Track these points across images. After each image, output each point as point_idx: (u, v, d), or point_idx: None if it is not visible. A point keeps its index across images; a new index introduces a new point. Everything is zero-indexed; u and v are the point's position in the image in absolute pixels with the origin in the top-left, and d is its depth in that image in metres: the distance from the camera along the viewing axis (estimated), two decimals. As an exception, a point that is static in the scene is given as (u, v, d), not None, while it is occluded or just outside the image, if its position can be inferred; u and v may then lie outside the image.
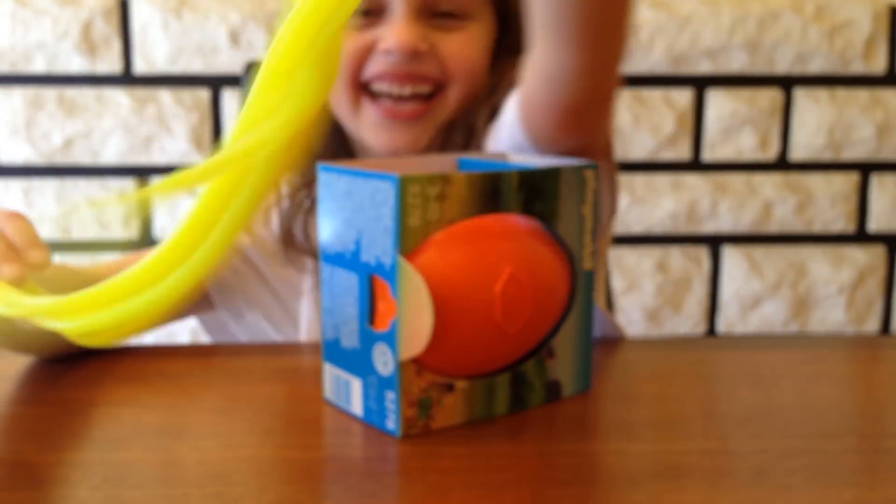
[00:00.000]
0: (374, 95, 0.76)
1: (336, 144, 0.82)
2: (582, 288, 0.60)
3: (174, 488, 0.47)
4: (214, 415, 0.57)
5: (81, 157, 1.32)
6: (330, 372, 0.58)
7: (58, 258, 1.34)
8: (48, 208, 1.33)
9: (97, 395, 0.61)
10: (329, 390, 0.58)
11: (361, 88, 0.76)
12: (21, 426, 0.55)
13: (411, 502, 0.45)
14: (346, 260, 0.54)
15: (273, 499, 0.46)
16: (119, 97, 1.34)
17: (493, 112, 0.77)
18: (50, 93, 1.31)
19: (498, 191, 0.54)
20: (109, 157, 1.36)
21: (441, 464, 0.50)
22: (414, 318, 0.52)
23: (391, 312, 0.52)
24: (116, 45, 1.33)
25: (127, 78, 1.35)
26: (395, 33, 0.73)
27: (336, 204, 0.55)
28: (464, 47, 0.77)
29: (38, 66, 1.30)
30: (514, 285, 0.55)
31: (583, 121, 0.61)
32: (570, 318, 0.60)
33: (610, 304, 1.05)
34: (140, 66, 1.35)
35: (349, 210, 0.54)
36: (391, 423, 0.53)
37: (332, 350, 0.57)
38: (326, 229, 0.56)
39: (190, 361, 0.69)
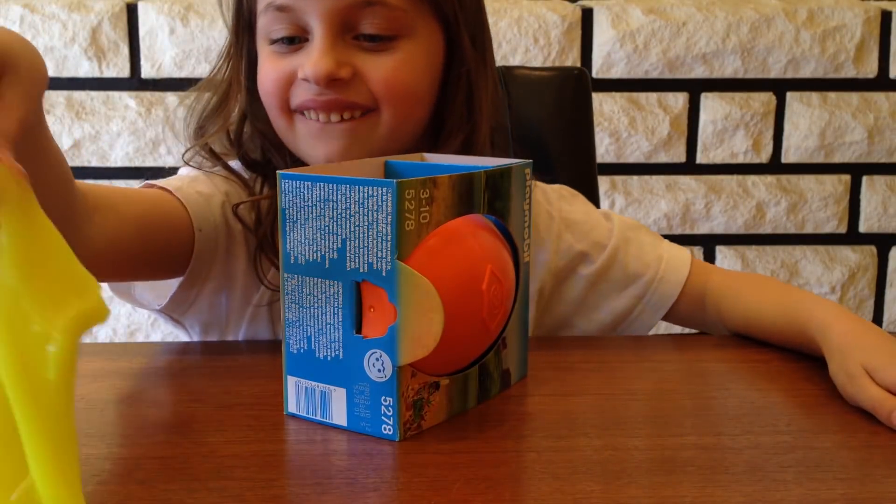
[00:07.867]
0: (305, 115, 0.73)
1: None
2: (523, 279, 0.62)
3: (179, 483, 0.47)
4: (218, 411, 0.58)
5: (90, 159, 1.33)
6: (297, 385, 0.56)
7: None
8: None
9: (101, 391, 0.61)
10: (294, 404, 0.57)
11: (293, 111, 0.73)
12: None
13: (412, 497, 0.46)
14: (324, 269, 0.53)
15: (277, 493, 0.46)
16: (127, 100, 1.35)
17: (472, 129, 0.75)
18: (59, 96, 1.32)
19: (471, 191, 0.55)
20: (117, 159, 1.37)
21: (440, 459, 0.50)
22: (419, 321, 0.52)
23: (386, 318, 0.52)
24: (124, 50, 1.34)
25: (134, 82, 1.36)
26: (311, 61, 0.69)
27: (310, 212, 0.53)
28: (394, 70, 0.70)
29: (48, 70, 1.31)
30: (495, 282, 0.56)
31: None
32: (516, 309, 0.61)
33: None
34: (147, 71, 1.36)
35: (328, 218, 0.53)
36: (388, 429, 0.53)
37: (299, 362, 0.56)
38: (294, 239, 0.54)
39: (194, 358, 0.69)
